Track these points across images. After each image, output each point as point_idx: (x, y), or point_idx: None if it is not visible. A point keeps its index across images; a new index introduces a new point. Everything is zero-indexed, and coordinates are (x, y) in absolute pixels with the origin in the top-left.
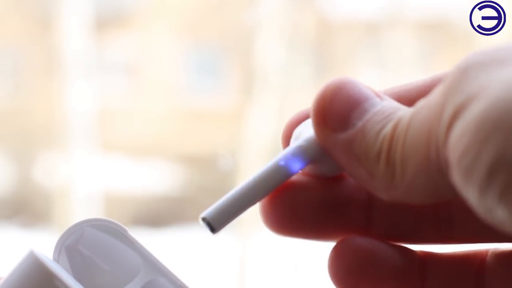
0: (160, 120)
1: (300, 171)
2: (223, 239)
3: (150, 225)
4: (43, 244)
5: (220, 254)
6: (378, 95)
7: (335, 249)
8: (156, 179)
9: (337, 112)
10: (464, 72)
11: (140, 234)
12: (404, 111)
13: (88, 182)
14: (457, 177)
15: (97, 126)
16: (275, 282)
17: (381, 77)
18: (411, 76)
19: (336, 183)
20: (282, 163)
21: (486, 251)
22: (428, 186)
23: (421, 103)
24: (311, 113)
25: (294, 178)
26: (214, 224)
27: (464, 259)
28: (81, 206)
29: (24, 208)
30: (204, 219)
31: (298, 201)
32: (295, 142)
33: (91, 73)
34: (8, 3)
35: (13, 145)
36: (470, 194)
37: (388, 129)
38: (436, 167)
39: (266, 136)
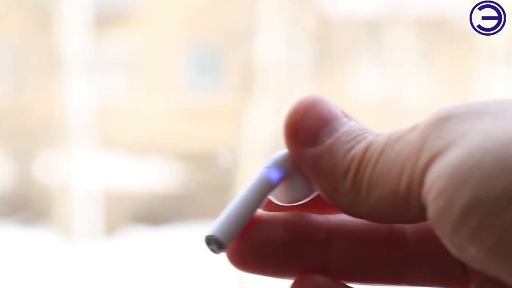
0: (159, 118)
1: (276, 182)
2: None
3: (150, 222)
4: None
5: (212, 254)
6: (346, 115)
7: (295, 285)
8: (156, 176)
9: (307, 128)
10: (445, 121)
11: (140, 231)
12: (373, 136)
13: (88, 180)
14: (432, 215)
15: (97, 124)
16: (275, 280)
17: (381, 75)
18: (411, 74)
19: (296, 222)
20: (261, 174)
21: None
22: (391, 211)
23: (395, 137)
24: (283, 127)
25: (257, 215)
26: (223, 240)
27: None
28: (81, 204)
29: (24, 206)
30: (210, 237)
31: (259, 238)
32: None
33: (91, 71)
34: (8, 1)
35: (13, 143)
36: (444, 231)
37: (357, 150)
38: (403, 199)
39: (265, 133)
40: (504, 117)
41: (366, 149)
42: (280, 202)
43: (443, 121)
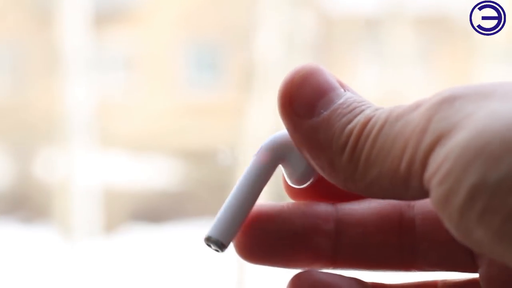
0: (159, 115)
1: (274, 164)
2: None
3: (149, 220)
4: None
5: (214, 252)
6: (342, 85)
7: (292, 282)
8: (155, 174)
9: (304, 99)
10: (451, 102)
11: (139, 229)
12: (372, 110)
13: (87, 177)
14: (436, 199)
15: (97, 121)
16: (274, 278)
17: (381, 73)
18: (411, 72)
19: (304, 214)
20: (255, 158)
21: (435, 282)
22: (388, 190)
23: (396, 113)
24: (278, 96)
25: (265, 208)
26: (223, 240)
27: None
28: (80, 201)
29: (23, 203)
30: (209, 239)
31: (268, 230)
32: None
33: (90, 68)
34: None
35: (12, 140)
36: (450, 215)
37: (355, 124)
38: (402, 180)
39: (265, 131)
40: (510, 98)
41: (365, 124)
42: (293, 184)
43: (448, 101)
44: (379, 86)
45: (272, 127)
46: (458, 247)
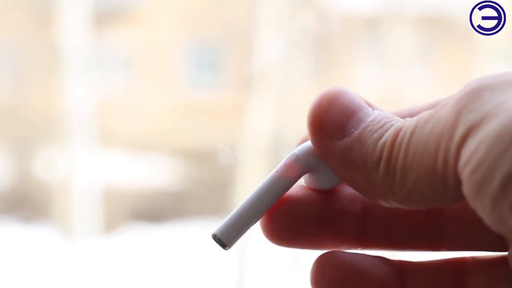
0: (159, 115)
1: (297, 179)
2: None
3: (149, 219)
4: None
5: (219, 249)
6: (369, 105)
7: (317, 263)
8: (155, 173)
9: (333, 121)
10: (479, 93)
11: (139, 229)
12: (401, 122)
13: (87, 177)
14: (469, 189)
15: (96, 120)
16: (274, 277)
17: (381, 72)
18: (411, 72)
19: (330, 196)
20: (277, 173)
21: (465, 258)
22: (428, 194)
23: (424, 117)
24: (307, 122)
25: (292, 192)
26: (225, 241)
27: (442, 267)
28: (80, 201)
29: (23, 203)
30: (215, 237)
31: (295, 214)
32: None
33: (90, 67)
34: None
35: (12, 139)
36: (483, 204)
37: (387, 137)
38: (440, 179)
39: (265, 130)
40: None
41: (396, 135)
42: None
43: (476, 92)
44: (379, 86)
45: (272, 126)
46: (486, 227)
